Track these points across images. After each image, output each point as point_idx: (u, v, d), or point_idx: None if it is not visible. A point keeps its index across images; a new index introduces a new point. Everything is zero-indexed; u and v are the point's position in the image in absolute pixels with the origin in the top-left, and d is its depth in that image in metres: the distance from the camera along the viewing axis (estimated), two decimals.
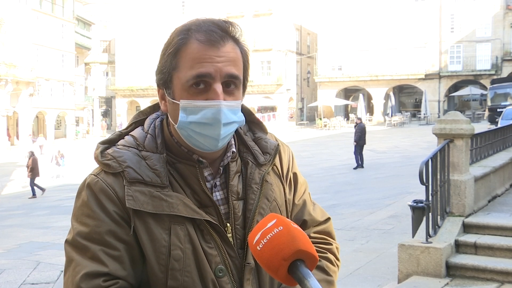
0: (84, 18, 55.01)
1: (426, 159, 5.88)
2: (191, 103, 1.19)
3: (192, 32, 1.21)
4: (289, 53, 50.23)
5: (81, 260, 1.17)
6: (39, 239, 10.35)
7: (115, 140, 1.31)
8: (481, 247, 6.00)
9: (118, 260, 1.17)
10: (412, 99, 53.04)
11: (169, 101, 1.24)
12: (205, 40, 1.19)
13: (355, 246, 7.89)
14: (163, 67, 1.24)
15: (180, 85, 1.21)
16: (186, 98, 1.20)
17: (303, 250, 1.01)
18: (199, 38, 1.20)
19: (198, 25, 1.22)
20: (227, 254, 1.24)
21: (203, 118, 1.19)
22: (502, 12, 43.89)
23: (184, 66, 1.20)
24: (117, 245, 1.17)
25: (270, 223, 1.04)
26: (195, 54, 1.19)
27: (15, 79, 40.56)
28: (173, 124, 1.26)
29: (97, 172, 1.25)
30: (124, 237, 1.18)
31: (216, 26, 1.22)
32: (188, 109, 1.20)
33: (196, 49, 1.19)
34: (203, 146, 1.23)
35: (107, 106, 59.73)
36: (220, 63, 1.19)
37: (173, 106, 1.23)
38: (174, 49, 1.21)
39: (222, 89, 1.20)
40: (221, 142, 1.23)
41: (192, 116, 1.19)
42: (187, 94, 1.20)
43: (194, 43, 1.20)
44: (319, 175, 16.83)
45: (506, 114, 20.25)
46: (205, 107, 1.19)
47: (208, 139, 1.21)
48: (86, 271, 1.15)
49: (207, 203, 1.25)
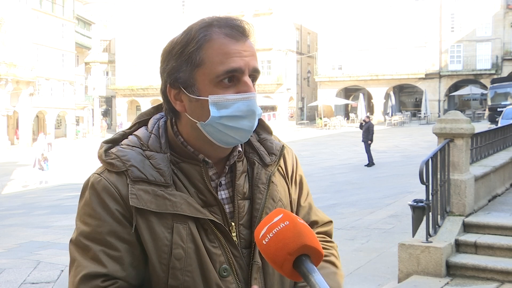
0: (84, 17, 54.99)
1: (426, 159, 5.88)
2: (223, 97, 1.19)
3: (214, 28, 1.21)
4: (289, 53, 50.22)
5: (82, 260, 1.18)
6: (39, 238, 10.33)
7: (119, 139, 1.31)
8: (481, 246, 6.01)
9: (118, 261, 1.18)
10: (412, 99, 53.01)
11: (191, 99, 1.22)
12: (231, 34, 1.20)
13: (355, 246, 7.89)
14: (181, 66, 1.22)
15: (208, 81, 1.20)
16: (216, 93, 1.20)
17: (308, 245, 1.02)
18: (224, 32, 1.20)
19: (219, 21, 1.22)
20: (231, 254, 1.24)
21: (237, 111, 1.19)
22: (503, 11, 43.88)
23: (212, 61, 1.19)
24: (118, 246, 1.18)
25: (277, 218, 1.05)
26: (224, 49, 1.19)
27: (15, 79, 40.55)
28: (190, 124, 1.25)
29: (101, 171, 1.25)
30: (125, 237, 1.19)
31: (235, 22, 1.23)
32: (220, 104, 1.19)
33: (223, 43, 1.19)
34: (233, 140, 1.23)
35: (107, 106, 59.74)
36: (247, 57, 1.21)
37: (198, 104, 1.22)
38: (197, 46, 1.20)
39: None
40: (251, 133, 1.25)
41: (224, 110, 1.19)
42: (216, 89, 1.20)
43: (219, 38, 1.20)
44: (319, 175, 16.83)
45: (506, 113, 20.25)
46: (239, 100, 1.20)
47: (240, 132, 1.22)
48: (85, 273, 1.16)
49: (211, 202, 1.25)
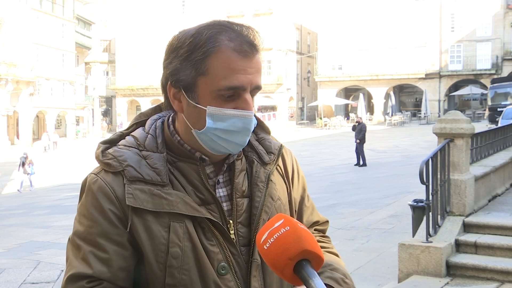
0: (84, 17, 55.00)
1: (427, 159, 5.88)
2: (220, 110, 1.20)
3: (224, 40, 1.19)
4: (289, 53, 50.21)
5: (73, 260, 1.20)
6: (39, 238, 10.34)
7: (116, 140, 1.32)
8: (481, 246, 6.01)
9: (106, 263, 1.18)
10: (412, 99, 53.00)
11: (190, 104, 1.23)
12: (239, 50, 1.19)
13: (355, 246, 7.89)
14: (185, 69, 1.21)
15: (209, 92, 1.20)
16: (214, 105, 1.20)
17: (309, 250, 1.02)
18: (233, 48, 1.19)
19: (231, 32, 1.20)
20: (229, 252, 1.24)
21: (232, 126, 1.20)
22: (503, 11, 43.87)
23: (216, 74, 1.18)
24: (107, 247, 1.19)
25: (278, 223, 1.06)
26: (230, 64, 1.18)
27: (15, 79, 40.56)
28: (186, 125, 1.26)
29: (97, 171, 1.26)
30: (116, 239, 1.19)
31: (247, 36, 1.21)
32: (216, 116, 1.20)
33: (230, 58, 1.18)
34: (224, 150, 1.25)
35: (107, 106, 59.72)
36: (251, 74, 1.20)
37: (195, 110, 1.22)
38: (204, 54, 1.19)
39: (251, 99, 1.22)
40: (242, 147, 1.27)
41: (220, 123, 1.20)
42: (215, 101, 1.20)
43: (227, 51, 1.18)
44: (319, 175, 16.83)
45: (506, 113, 20.26)
46: (236, 116, 1.20)
47: (232, 144, 1.23)
48: (72, 273, 1.18)
49: (209, 200, 1.26)
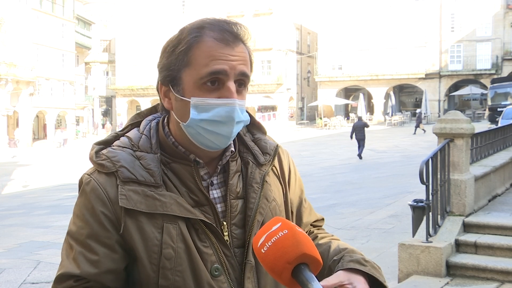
0: (84, 17, 55.00)
1: (426, 159, 5.88)
2: (203, 100, 1.19)
3: (206, 30, 1.21)
4: (289, 53, 50.21)
5: (65, 259, 1.21)
6: (39, 238, 10.33)
7: (111, 141, 1.31)
8: (481, 246, 6.01)
9: (94, 264, 1.18)
10: (412, 99, 53.01)
11: (177, 99, 1.23)
12: (220, 38, 1.20)
13: (355, 246, 7.75)
14: (171, 64, 1.23)
15: (192, 83, 1.20)
16: (198, 95, 1.20)
17: (307, 254, 1.01)
18: (214, 36, 1.20)
19: (212, 24, 1.22)
20: (222, 253, 1.23)
21: (216, 116, 1.19)
22: (503, 11, 43.88)
23: (198, 63, 1.19)
24: (97, 249, 1.19)
25: (275, 227, 1.04)
26: (210, 52, 1.19)
27: (15, 79, 40.56)
28: (176, 122, 1.26)
29: (91, 171, 1.25)
30: (106, 241, 1.19)
31: (229, 26, 1.22)
32: (200, 107, 1.19)
33: (211, 46, 1.19)
34: (212, 144, 1.23)
35: (107, 106, 59.72)
36: (234, 61, 1.20)
37: (182, 104, 1.22)
38: (187, 46, 1.21)
39: (235, 87, 1.21)
40: (230, 140, 1.24)
41: (205, 113, 1.19)
42: (199, 92, 1.20)
43: (208, 41, 1.20)
44: (319, 175, 16.82)
45: (506, 113, 20.26)
46: (219, 105, 1.19)
47: (219, 137, 1.22)
48: (61, 272, 1.19)
49: (203, 201, 1.25)
